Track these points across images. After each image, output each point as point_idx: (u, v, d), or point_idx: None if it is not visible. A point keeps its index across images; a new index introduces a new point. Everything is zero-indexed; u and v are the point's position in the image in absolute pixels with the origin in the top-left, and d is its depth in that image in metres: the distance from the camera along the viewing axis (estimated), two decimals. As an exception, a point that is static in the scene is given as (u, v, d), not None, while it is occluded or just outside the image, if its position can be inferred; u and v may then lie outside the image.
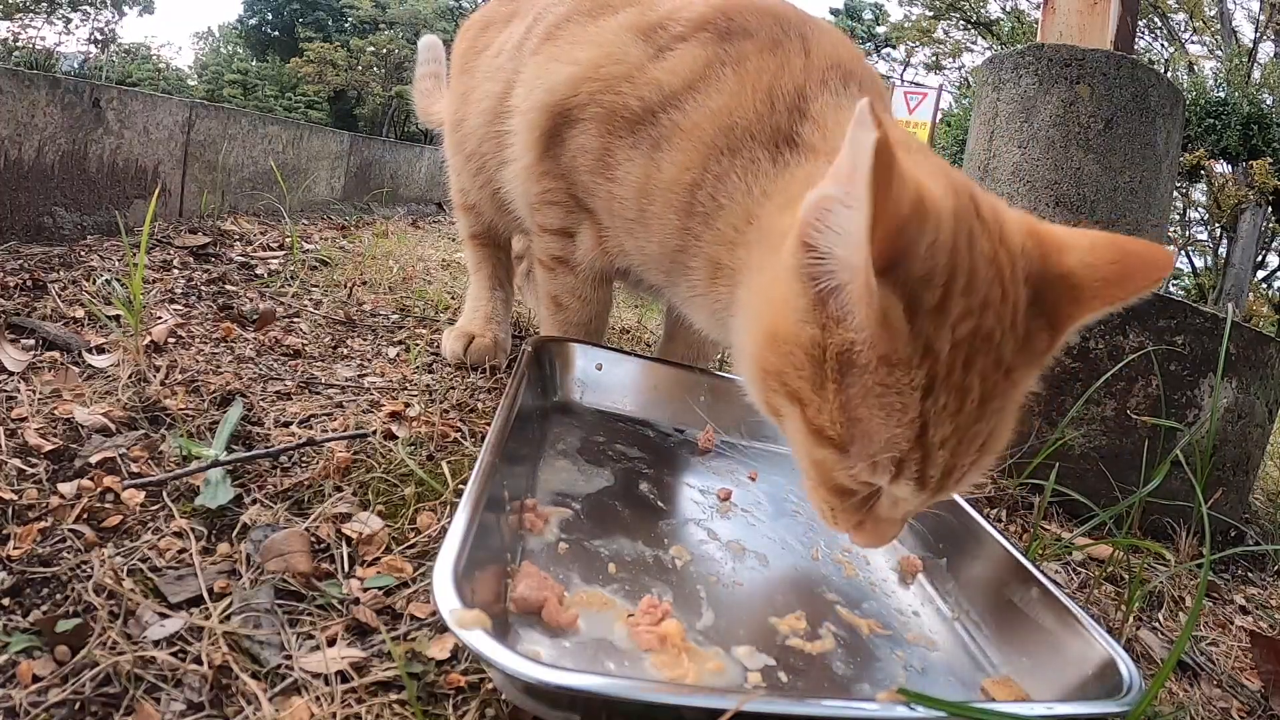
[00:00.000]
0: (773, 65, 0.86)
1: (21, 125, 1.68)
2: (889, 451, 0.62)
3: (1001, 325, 0.61)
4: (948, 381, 0.60)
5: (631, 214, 0.96)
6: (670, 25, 0.96)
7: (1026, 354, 0.64)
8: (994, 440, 0.65)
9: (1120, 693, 0.58)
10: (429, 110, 1.86)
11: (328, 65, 17.21)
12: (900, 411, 0.60)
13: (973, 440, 0.63)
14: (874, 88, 0.89)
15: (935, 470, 0.62)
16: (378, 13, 19.18)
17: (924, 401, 0.60)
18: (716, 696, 0.51)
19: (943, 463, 0.62)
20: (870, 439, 0.62)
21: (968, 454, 0.63)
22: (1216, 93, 12.81)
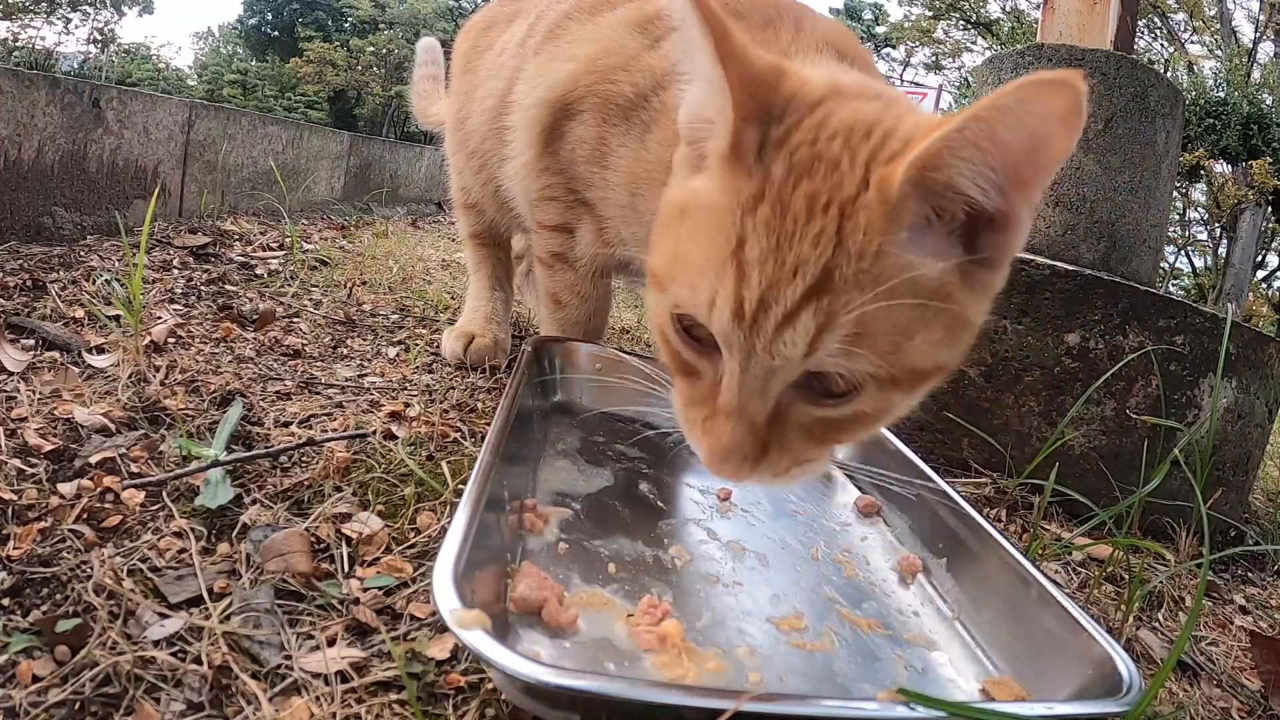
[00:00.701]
0: (760, 39, 0.87)
1: (21, 125, 1.68)
2: (705, 268, 0.59)
3: (851, 159, 0.58)
4: (773, 197, 0.58)
5: (624, 199, 0.97)
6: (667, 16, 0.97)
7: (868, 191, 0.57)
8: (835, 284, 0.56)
9: (1120, 693, 0.58)
10: (426, 111, 1.87)
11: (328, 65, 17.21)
12: (724, 230, 0.59)
13: (795, 267, 0.56)
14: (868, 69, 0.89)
15: (750, 293, 0.56)
16: (378, 13, 19.18)
17: (745, 217, 0.58)
18: (716, 696, 0.51)
19: (758, 285, 0.56)
20: (690, 263, 0.61)
21: (789, 283, 0.56)
22: (1216, 93, 12.81)
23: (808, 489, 1.02)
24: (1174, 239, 15.15)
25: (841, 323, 0.56)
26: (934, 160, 0.55)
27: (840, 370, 0.58)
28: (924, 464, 0.97)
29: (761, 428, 0.61)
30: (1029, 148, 0.54)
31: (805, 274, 0.56)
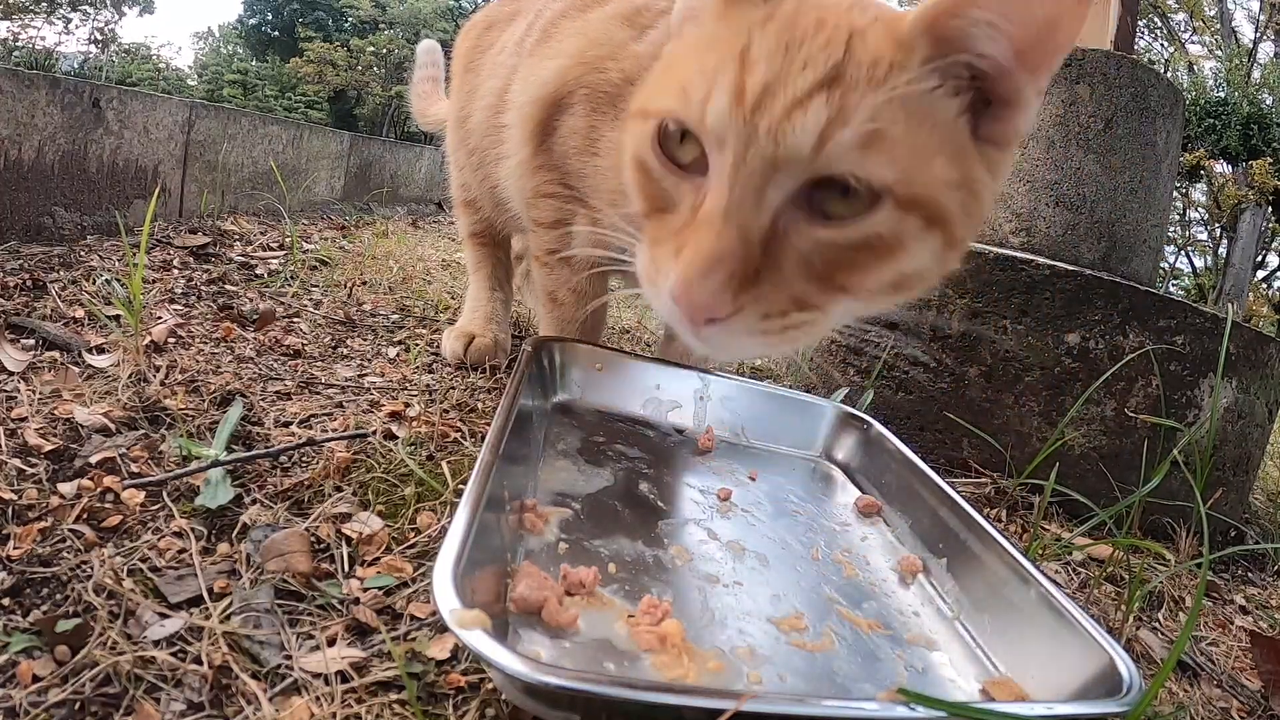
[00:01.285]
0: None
1: (21, 125, 1.68)
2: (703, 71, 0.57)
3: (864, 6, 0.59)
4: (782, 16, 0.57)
5: (615, 185, 0.97)
6: (654, 4, 0.97)
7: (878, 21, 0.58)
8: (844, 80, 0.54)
9: (1120, 693, 0.58)
10: (425, 112, 1.87)
11: (328, 65, 17.20)
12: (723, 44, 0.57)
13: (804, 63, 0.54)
14: None
15: (755, 79, 0.54)
16: (378, 13, 19.18)
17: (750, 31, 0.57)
18: (716, 697, 0.51)
19: (764, 74, 0.54)
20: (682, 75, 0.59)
21: (797, 74, 0.54)
22: (1216, 93, 12.81)
23: (808, 489, 1.02)
24: (1174, 239, 15.15)
25: (856, 116, 0.53)
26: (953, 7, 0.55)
27: (855, 171, 0.53)
28: (924, 464, 0.97)
29: (754, 244, 0.54)
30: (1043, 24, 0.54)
31: (815, 67, 0.54)
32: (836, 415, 1.14)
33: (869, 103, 0.53)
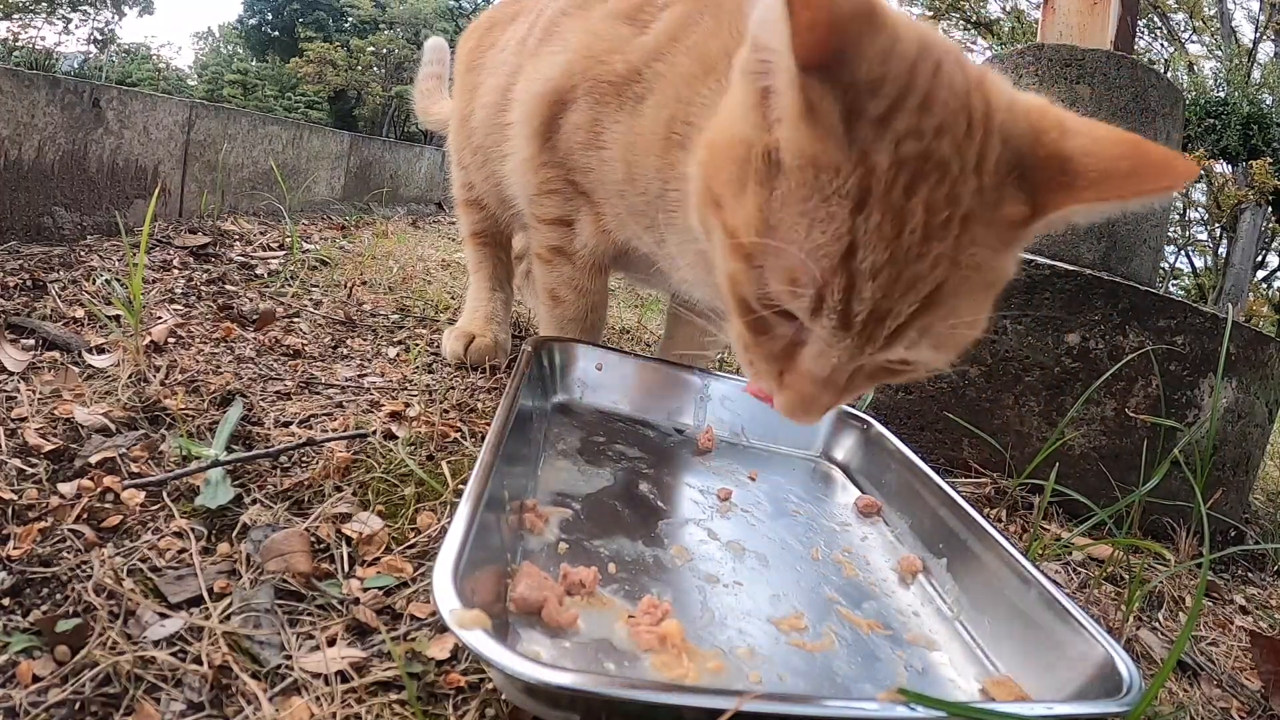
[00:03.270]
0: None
1: (21, 125, 1.68)
2: (809, 269, 0.55)
3: (961, 160, 0.56)
4: (884, 200, 0.54)
5: (620, 175, 0.97)
6: (655, 1, 0.98)
7: (992, 211, 0.57)
8: (942, 296, 0.57)
9: (1120, 693, 0.58)
10: (428, 110, 1.87)
11: (328, 65, 17.20)
12: (825, 221, 0.54)
13: (911, 283, 0.55)
14: None
15: (862, 307, 0.55)
16: (378, 13, 19.18)
17: (854, 216, 0.54)
18: (716, 696, 0.51)
19: (871, 299, 0.55)
20: (788, 252, 0.56)
21: (904, 298, 0.56)
22: (1216, 93, 12.81)
23: (808, 489, 1.02)
24: (1174, 239, 15.15)
25: (939, 329, 0.59)
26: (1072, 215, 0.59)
27: (925, 363, 0.62)
28: (924, 464, 0.97)
29: (841, 386, 0.63)
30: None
31: (921, 291, 0.56)
32: (836, 415, 1.14)
33: (953, 315, 0.58)
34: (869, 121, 0.54)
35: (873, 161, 0.54)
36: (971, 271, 0.57)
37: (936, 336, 0.59)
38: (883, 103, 0.55)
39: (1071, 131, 0.59)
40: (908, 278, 0.55)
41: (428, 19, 18.21)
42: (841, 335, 0.58)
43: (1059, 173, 0.58)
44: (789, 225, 0.56)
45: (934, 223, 0.55)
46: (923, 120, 0.55)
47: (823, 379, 0.62)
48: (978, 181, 0.56)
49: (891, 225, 0.54)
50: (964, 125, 0.56)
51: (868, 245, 0.54)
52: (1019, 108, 0.60)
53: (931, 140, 0.55)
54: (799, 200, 0.56)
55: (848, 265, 0.55)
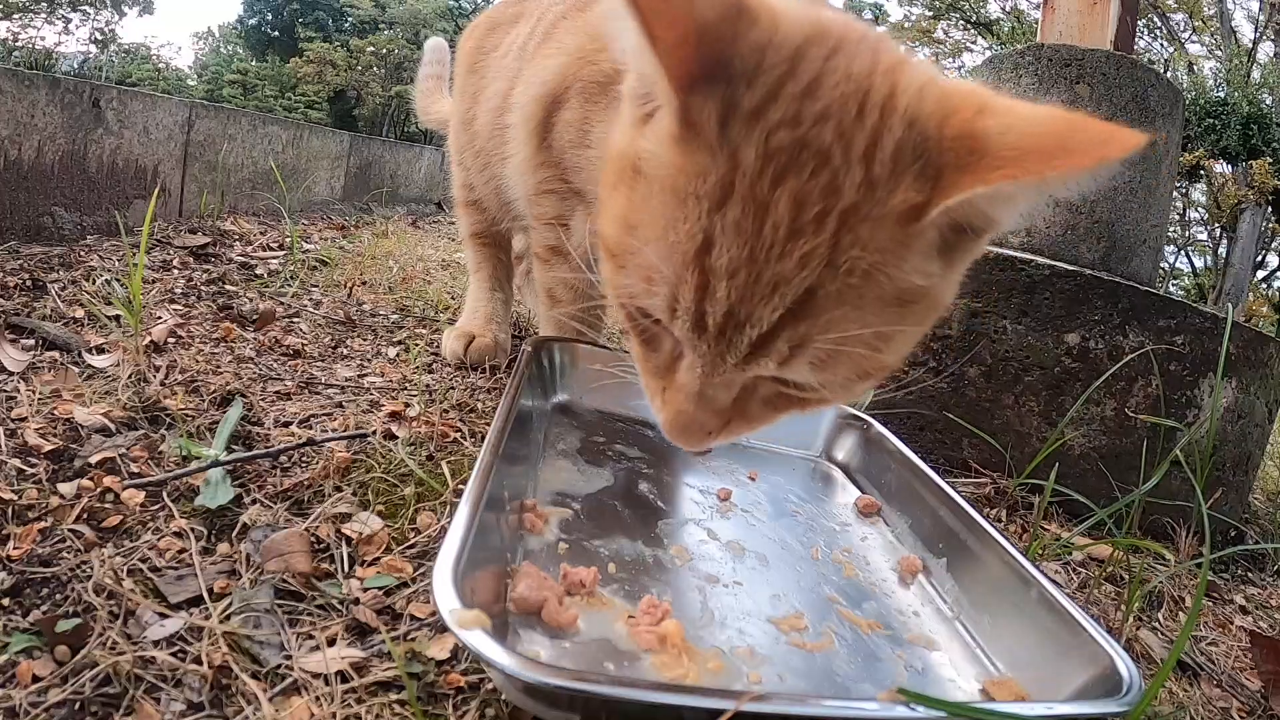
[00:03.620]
0: None
1: (21, 125, 1.68)
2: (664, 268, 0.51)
3: (846, 148, 0.49)
4: (747, 194, 0.49)
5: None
6: None
7: (878, 205, 0.49)
8: (817, 305, 0.50)
9: (1120, 693, 0.58)
10: (428, 109, 1.87)
11: (328, 65, 17.21)
12: (683, 219, 0.50)
13: (774, 285, 0.49)
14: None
15: (716, 308, 0.50)
16: (378, 13, 19.19)
17: (713, 213, 0.49)
18: (716, 697, 0.51)
19: (726, 299, 0.49)
20: (644, 251, 0.52)
21: (766, 301, 0.49)
22: (1216, 93, 12.81)
23: (807, 489, 1.02)
24: (1174, 239, 15.16)
25: (818, 344, 0.51)
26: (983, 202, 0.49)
27: (810, 381, 0.54)
28: (924, 464, 0.97)
29: (724, 408, 0.58)
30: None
31: (785, 295, 0.49)
32: (836, 415, 1.14)
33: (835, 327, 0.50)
34: (742, 116, 0.50)
35: (740, 156, 0.49)
36: (859, 278, 0.50)
37: (817, 353, 0.52)
38: (757, 94, 0.50)
39: (991, 110, 0.51)
40: (769, 278, 0.49)
41: (428, 19, 18.21)
42: (698, 340, 0.53)
43: (966, 153, 0.49)
44: (648, 224, 0.53)
45: (803, 217, 0.48)
46: (802, 107, 0.50)
47: (697, 394, 0.56)
48: (864, 171, 0.49)
49: (753, 220, 0.49)
50: (854, 110, 0.50)
51: (723, 241, 0.49)
52: (932, 89, 0.52)
53: (810, 128, 0.50)
54: (660, 202, 0.52)
55: (702, 262, 0.50)
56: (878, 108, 0.50)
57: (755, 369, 0.53)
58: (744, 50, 0.51)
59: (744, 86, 0.50)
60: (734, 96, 0.50)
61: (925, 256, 0.52)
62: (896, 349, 0.56)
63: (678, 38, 0.49)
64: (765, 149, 0.49)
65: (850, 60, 0.52)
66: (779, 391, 0.58)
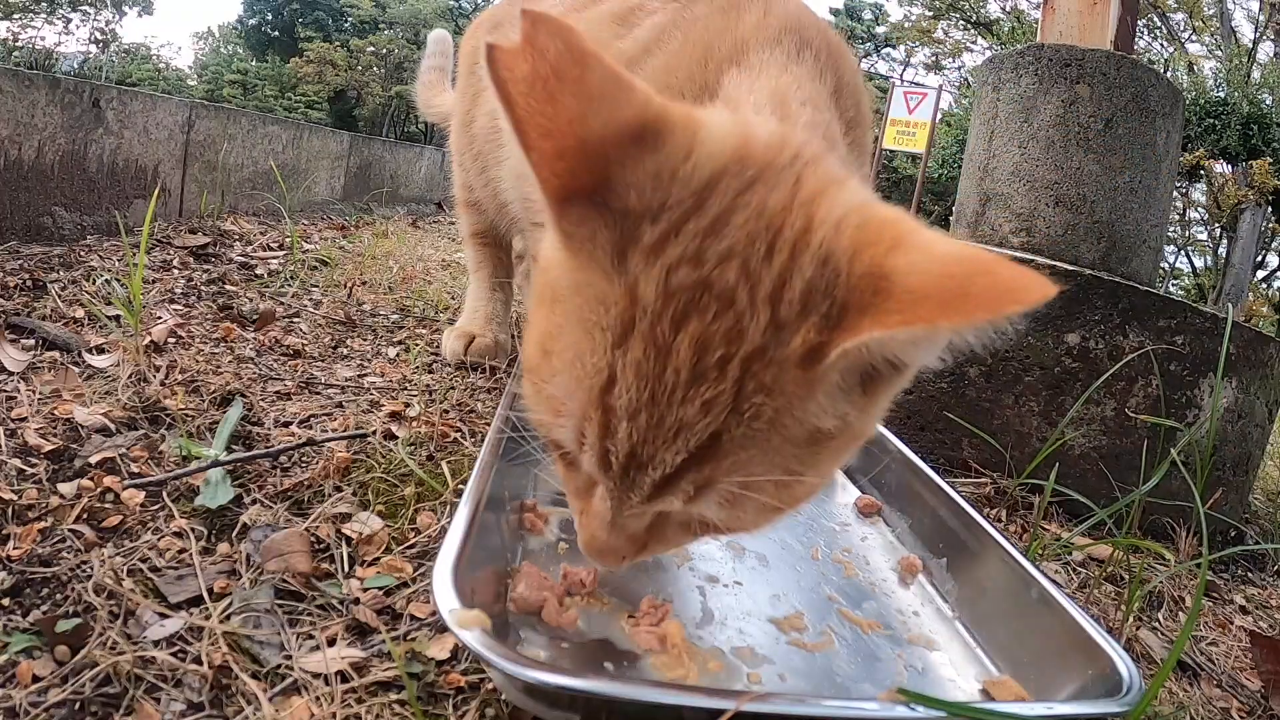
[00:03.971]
0: (718, 25, 0.82)
1: (21, 125, 1.68)
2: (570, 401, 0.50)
3: (751, 290, 0.47)
4: (649, 334, 0.47)
5: None
6: (647, 4, 0.96)
7: (781, 347, 0.47)
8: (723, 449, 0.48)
9: (1120, 693, 0.58)
10: (430, 102, 1.87)
11: (328, 65, 17.21)
12: (587, 353, 0.49)
13: (676, 430, 0.47)
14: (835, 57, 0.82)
15: (618, 446, 0.48)
16: (378, 13, 19.19)
17: (615, 349, 0.47)
18: (716, 697, 0.51)
19: (626, 439, 0.48)
20: (556, 379, 0.51)
21: (669, 445, 0.48)
22: (1216, 93, 12.82)
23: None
24: (1174, 239, 15.17)
25: (723, 485, 0.49)
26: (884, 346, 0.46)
27: (719, 520, 0.53)
28: (924, 464, 0.97)
29: (639, 535, 0.56)
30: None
31: (688, 440, 0.47)
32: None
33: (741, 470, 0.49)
34: (642, 250, 0.47)
35: (639, 292, 0.47)
36: (764, 423, 0.47)
37: (724, 494, 0.50)
38: (659, 229, 0.47)
39: (905, 246, 0.47)
40: (671, 423, 0.47)
41: (428, 19, 18.21)
42: (604, 476, 0.51)
43: (870, 293, 0.46)
44: (559, 353, 0.51)
45: (705, 362, 0.46)
46: (705, 245, 0.47)
47: (610, 523, 0.54)
48: (770, 314, 0.46)
49: (654, 362, 0.47)
50: (764, 249, 0.47)
51: (625, 381, 0.47)
52: (851, 221, 0.49)
53: (714, 268, 0.47)
54: (571, 328, 0.50)
55: (604, 400, 0.48)
56: (789, 245, 0.48)
57: (661, 505, 0.51)
58: (639, 177, 0.48)
59: (647, 220, 0.48)
60: (634, 227, 0.48)
61: (834, 398, 0.50)
62: (811, 483, 0.54)
63: (555, 150, 0.46)
64: (666, 288, 0.47)
65: (768, 193, 0.49)
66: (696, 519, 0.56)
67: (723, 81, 0.72)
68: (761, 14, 0.81)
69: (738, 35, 0.78)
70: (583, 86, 0.46)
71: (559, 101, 0.46)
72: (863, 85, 0.90)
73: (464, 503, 0.62)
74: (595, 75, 0.47)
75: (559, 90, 0.46)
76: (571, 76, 0.46)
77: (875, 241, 0.47)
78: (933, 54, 21.03)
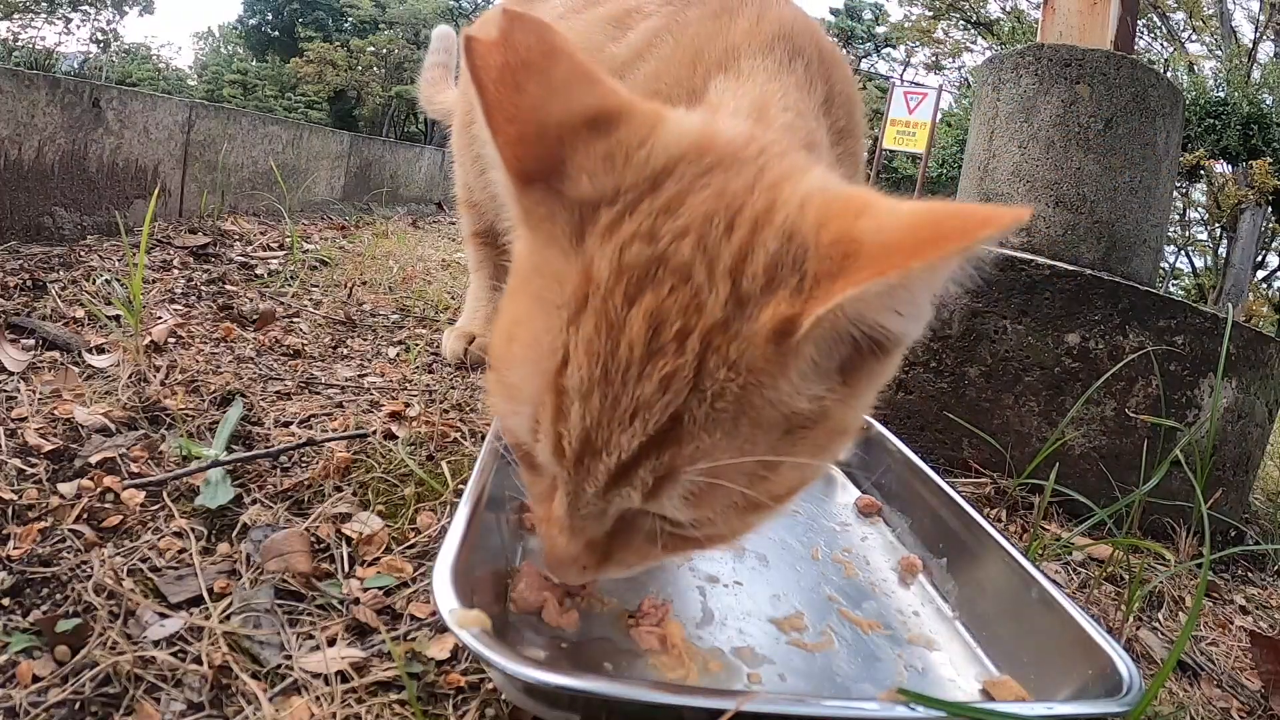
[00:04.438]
0: (709, 30, 0.81)
1: (21, 125, 1.68)
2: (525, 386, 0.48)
3: (709, 265, 0.46)
4: (601, 309, 0.45)
5: None
6: (644, 7, 0.96)
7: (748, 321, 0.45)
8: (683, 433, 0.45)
9: (1120, 693, 0.58)
10: (433, 99, 1.86)
11: (328, 65, 17.21)
12: (543, 333, 0.47)
13: (632, 410, 0.45)
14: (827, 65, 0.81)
15: (570, 430, 0.46)
16: (378, 13, 19.19)
17: (569, 328, 0.46)
18: (716, 697, 0.51)
19: (579, 421, 0.46)
20: (516, 367, 0.50)
21: (625, 428, 0.45)
22: (1216, 93, 12.82)
23: (807, 489, 1.02)
24: (1174, 239, 15.17)
25: (686, 475, 0.46)
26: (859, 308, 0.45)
27: (685, 518, 0.49)
28: (924, 464, 0.97)
29: (600, 541, 0.53)
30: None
31: (646, 421, 0.45)
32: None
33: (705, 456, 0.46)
34: (598, 230, 0.47)
35: (593, 269, 0.46)
36: (729, 402, 0.45)
37: (688, 486, 0.47)
38: (614, 210, 0.48)
39: (872, 210, 0.47)
40: (627, 403, 0.45)
41: (428, 19, 18.22)
42: (558, 467, 0.49)
43: (841, 258, 0.45)
44: (521, 339, 0.49)
45: (661, 337, 0.44)
46: (660, 223, 0.47)
47: (569, 526, 0.51)
48: (730, 288, 0.45)
49: (607, 338, 0.45)
50: (722, 226, 0.47)
51: (576, 359, 0.45)
52: (815, 199, 0.48)
53: (669, 244, 0.46)
54: (531, 312, 0.49)
55: (558, 381, 0.46)
56: (749, 222, 0.47)
57: (618, 500, 0.48)
58: (589, 160, 0.48)
59: (604, 203, 0.48)
60: (591, 209, 0.48)
61: (808, 377, 0.47)
62: (787, 478, 0.51)
63: (518, 134, 0.48)
64: (619, 264, 0.46)
65: (727, 178, 0.49)
66: (664, 529, 0.52)
67: (709, 87, 0.72)
68: (754, 20, 0.80)
69: (728, 41, 0.77)
70: (547, 77, 0.49)
71: (524, 90, 0.48)
72: (857, 96, 0.89)
73: (464, 503, 0.62)
74: (561, 68, 0.49)
75: (526, 80, 0.48)
76: (538, 68, 0.49)
77: (841, 213, 0.47)
78: (933, 54, 21.03)
